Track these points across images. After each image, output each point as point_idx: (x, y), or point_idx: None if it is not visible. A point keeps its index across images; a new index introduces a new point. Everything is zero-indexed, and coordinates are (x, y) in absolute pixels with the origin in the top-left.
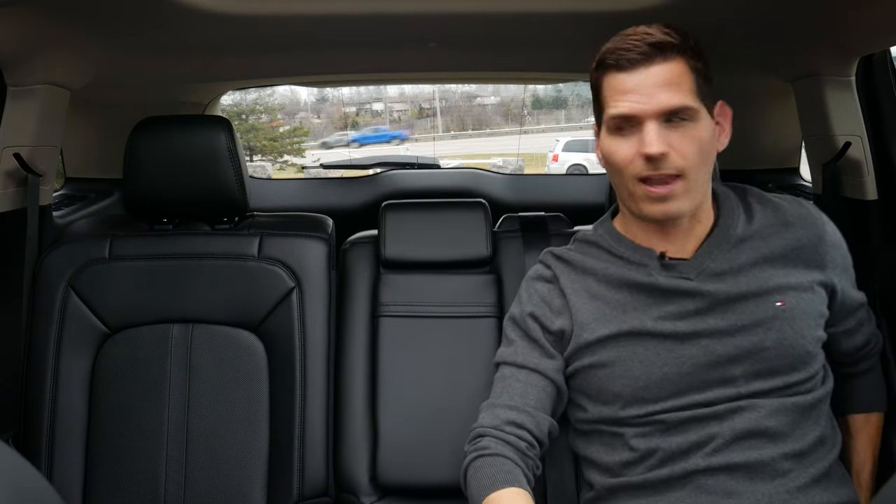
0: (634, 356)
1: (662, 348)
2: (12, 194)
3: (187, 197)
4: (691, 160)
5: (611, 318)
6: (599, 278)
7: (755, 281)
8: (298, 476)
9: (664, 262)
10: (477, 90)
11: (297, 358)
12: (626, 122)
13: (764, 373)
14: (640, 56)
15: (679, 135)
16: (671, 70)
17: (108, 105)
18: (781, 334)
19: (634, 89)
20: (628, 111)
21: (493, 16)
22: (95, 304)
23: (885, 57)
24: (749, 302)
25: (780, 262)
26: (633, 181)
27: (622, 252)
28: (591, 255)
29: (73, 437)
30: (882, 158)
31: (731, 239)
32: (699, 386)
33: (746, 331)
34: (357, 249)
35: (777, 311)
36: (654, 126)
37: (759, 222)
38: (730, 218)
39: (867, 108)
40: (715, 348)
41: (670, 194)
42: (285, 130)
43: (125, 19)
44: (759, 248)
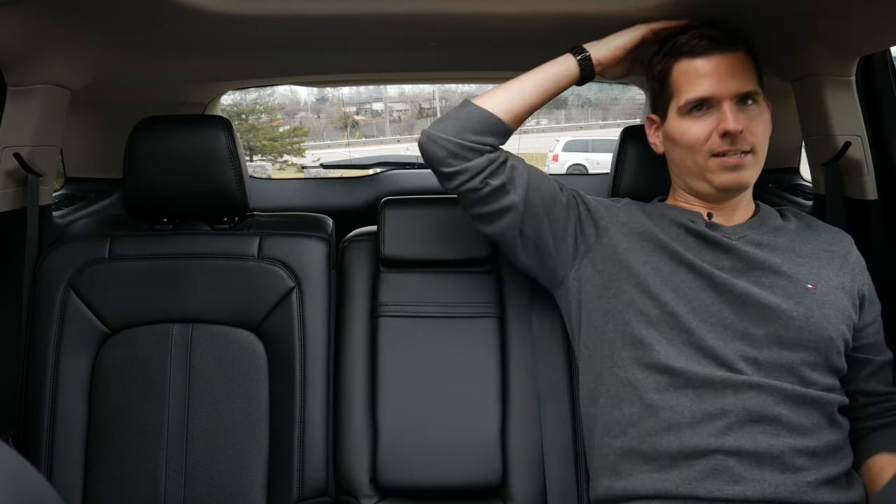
0: (671, 277)
1: (697, 284)
2: (12, 194)
3: (187, 197)
4: (759, 139)
5: (652, 247)
6: (647, 225)
7: (789, 261)
8: (298, 476)
9: (709, 223)
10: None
11: (297, 358)
12: (702, 104)
13: (786, 342)
14: (711, 44)
15: (749, 117)
16: (738, 58)
17: (108, 105)
18: (809, 311)
19: (710, 73)
20: (707, 93)
21: (493, 16)
22: (95, 304)
23: (885, 57)
24: (783, 276)
25: (812, 257)
26: (706, 157)
27: (668, 213)
28: (636, 214)
29: (73, 437)
30: (882, 158)
31: (769, 226)
32: (721, 336)
33: (777, 299)
34: (356, 247)
35: (808, 292)
36: (730, 106)
37: (793, 224)
38: (768, 211)
39: (867, 108)
40: (744, 304)
41: (743, 164)
42: (285, 130)
43: (125, 19)
44: (792, 240)
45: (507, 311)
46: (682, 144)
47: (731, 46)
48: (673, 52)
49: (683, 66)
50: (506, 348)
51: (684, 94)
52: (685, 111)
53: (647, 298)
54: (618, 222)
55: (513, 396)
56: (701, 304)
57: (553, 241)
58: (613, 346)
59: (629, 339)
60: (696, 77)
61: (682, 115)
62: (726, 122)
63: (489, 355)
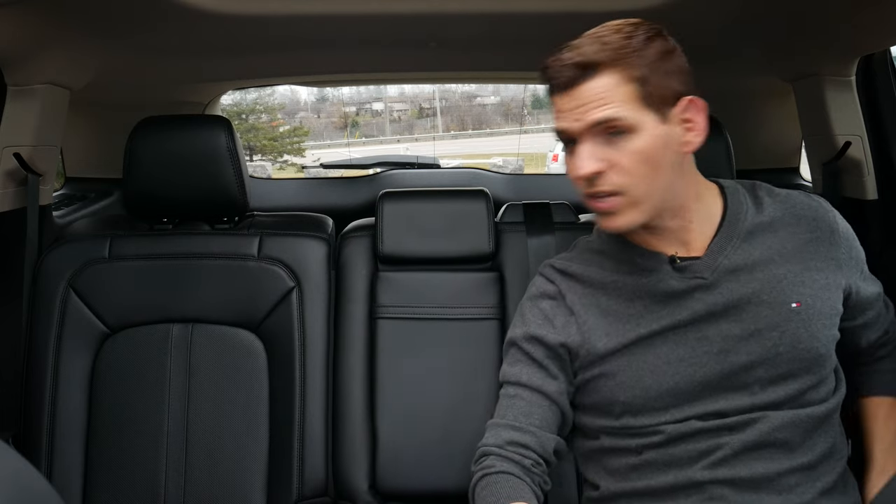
0: (645, 365)
1: (674, 357)
2: (12, 194)
3: (187, 197)
4: (632, 174)
5: (623, 331)
6: (610, 292)
7: (770, 279)
8: (298, 476)
9: (676, 265)
10: (477, 90)
11: (297, 357)
12: (568, 141)
13: (778, 378)
14: (567, 80)
15: (617, 150)
16: (600, 86)
17: (108, 105)
18: (796, 338)
19: (566, 108)
20: (563, 129)
21: (493, 16)
22: (95, 304)
23: (885, 57)
24: (763, 304)
25: (794, 258)
26: (584, 198)
27: (630, 258)
28: (596, 265)
29: (73, 437)
30: (882, 158)
31: (741, 231)
32: (711, 395)
33: (760, 335)
34: (354, 244)
35: (792, 314)
36: (587, 145)
37: (769, 213)
38: (737, 209)
39: (867, 108)
40: (728, 356)
41: (613, 209)
42: (285, 130)
43: (125, 19)
44: (771, 242)
45: (509, 313)
46: None
47: (594, 73)
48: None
49: (552, 98)
50: None
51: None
52: (564, 145)
53: (625, 390)
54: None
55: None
56: (683, 377)
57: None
58: (607, 419)
59: (617, 416)
60: (557, 111)
61: (564, 149)
62: (574, 167)
63: (490, 359)
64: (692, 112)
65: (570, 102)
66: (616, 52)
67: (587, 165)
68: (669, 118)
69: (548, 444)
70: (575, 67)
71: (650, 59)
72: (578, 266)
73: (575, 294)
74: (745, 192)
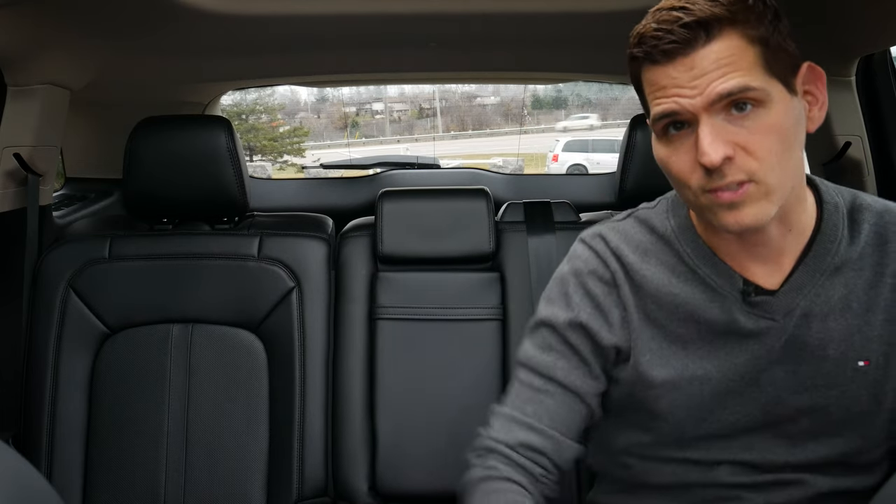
0: (684, 403)
1: (718, 405)
2: (12, 194)
3: (187, 197)
4: (765, 157)
5: (669, 356)
6: (661, 300)
7: (842, 330)
8: (298, 476)
9: (749, 300)
10: (477, 90)
11: (297, 358)
12: (676, 123)
13: (821, 435)
14: (676, 44)
15: (746, 129)
16: (721, 49)
17: (108, 105)
18: (854, 399)
19: (676, 82)
20: (672, 108)
21: (493, 16)
22: (95, 304)
23: (885, 57)
24: (828, 360)
25: (875, 304)
26: (696, 193)
27: (698, 267)
28: (654, 256)
29: (73, 437)
30: (882, 158)
31: (828, 266)
32: (748, 440)
33: (815, 391)
34: (353, 244)
35: (857, 374)
36: (709, 125)
37: (862, 241)
38: (832, 234)
39: (867, 108)
40: (775, 407)
41: (743, 199)
42: (285, 130)
43: (125, 19)
44: (854, 281)
45: (510, 313)
46: (668, 176)
47: (712, 32)
48: (634, 57)
49: (646, 74)
50: (507, 352)
51: (651, 109)
52: (659, 133)
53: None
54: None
55: None
56: (724, 424)
57: None
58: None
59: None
60: (658, 88)
61: (658, 139)
62: (701, 152)
63: (490, 359)
64: (813, 82)
65: (686, 73)
66: (733, 6)
67: (718, 150)
68: (794, 89)
69: (567, 454)
70: (689, 28)
71: (769, 16)
72: (633, 255)
73: (630, 287)
74: (844, 211)
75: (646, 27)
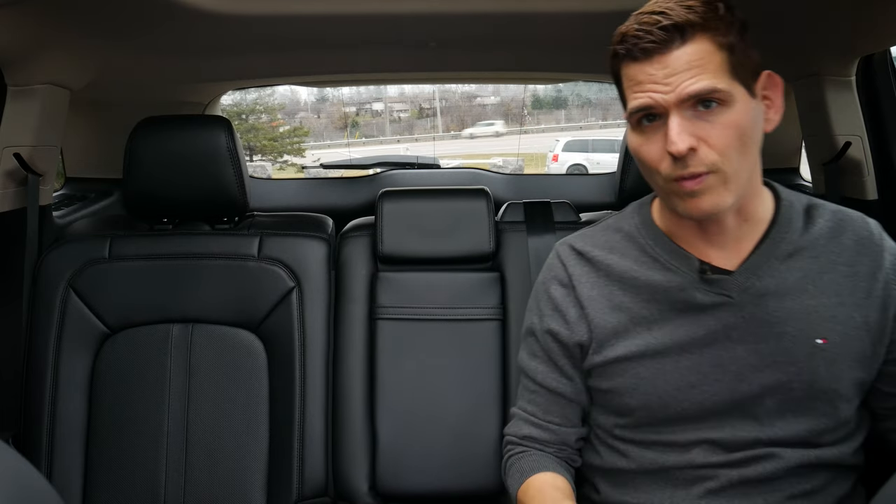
0: (653, 388)
1: (685, 383)
2: (12, 194)
3: (187, 197)
4: (725, 151)
5: (634, 336)
6: (626, 285)
7: (800, 310)
8: (298, 476)
9: (705, 277)
10: (477, 90)
11: (297, 358)
12: (649, 116)
13: (787, 412)
14: (654, 44)
15: (709, 124)
16: (693, 52)
17: (108, 105)
18: (814, 376)
19: (652, 79)
20: (648, 102)
21: (492, 16)
22: (95, 304)
23: (885, 57)
24: (786, 337)
25: (830, 289)
26: (664, 180)
27: (658, 254)
28: (619, 251)
29: (73, 437)
30: (882, 158)
31: (782, 251)
32: (718, 422)
33: (776, 367)
34: (353, 244)
35: (816, 351)
36: (678, 119)
37: (815, 234)
38: (786, 225)
39: (867, 108)
40: (740, 384)
41: (704, 188)
42: (285, 130)
43: (125, 19)
44: (809, 269)
45: (510, 313)
46: (640, 164)
47: (686, 36)
48: (616, 53)
49: (625, 70)
50: (507, 352)
51: (628, 102)
52: (634, 124)
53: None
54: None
55: (514, 402)
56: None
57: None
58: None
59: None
60: (636, 83)
61: (633, 129)
62: (668, 141)
63: (490, 360)
64: (771, 88)
65: (660, 70)
66: (706, 15)
67: (685, 141)
68: (754, 92)
69: (568, 437)
70: (666, 30)
71: (736, 26)
72: (599, 251)
73: (586, 284)
74: (799, 208)
75: (628, 27)
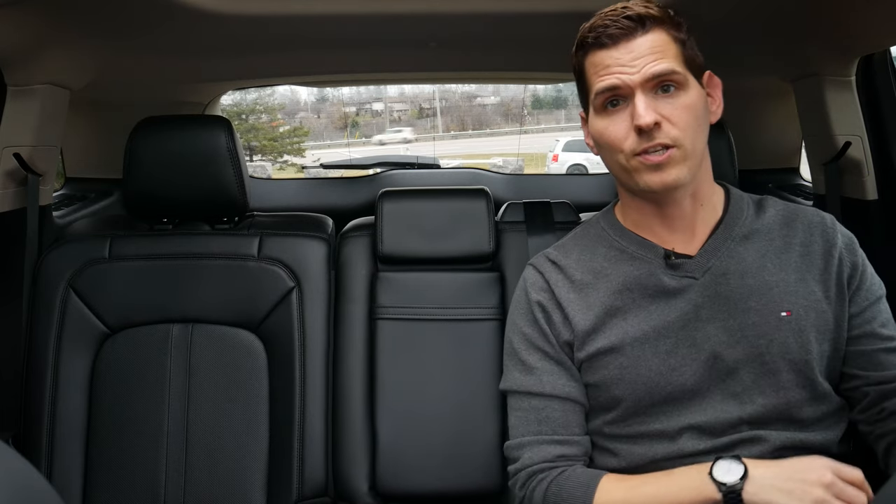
0: (637, 375)
1: (665, 367)
2: (12, 194)
3: (187, 197)
4: (685, 129)
5: (611, 327)
6: (599, 282)
7: (761, 286)
8: (298, 476)
9: (670, 262)
10: (477, 90)
11: (297, 357)
12: (615, 97)
13: (765, 385)
14: (620, 30)
15: (670, 104)
16: (654, 40)
17: (108, 105)
18: (785, 347)
19: (619, 62)
20: (615, 83)
21: (492, 16)
22: (95, 304)
23: (885, 57)
24: (751, 311)
25: (789, 267)
26: (628, 157)
27: (625, 246)
28: (589, 251)
29: (73, 437)
30: (882, 158)
31: (737, 234)
32: (701, 403)
33: (747, 341)
34: (353, 244)
35: (781, 323)
36: (642, 97)
37: (768, 220)
38: (738, 212)
39: (867, 108)
40: (716, 362)
41: (667, 161)
42: (285, 130)
43: (125, 19)
44: (767, 249)
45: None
46: (603, 145)
47: (647, 27)
48: (581, 44)
49: (593, 58)
50: None
51: (594, 87)
52: (599, 107)
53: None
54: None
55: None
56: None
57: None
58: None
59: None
60: (603, 68)
61: (598, 113)
62: (636, 115)
63: (490, 359)
64: (712, 86)
65: (627, 55)
66: (662, 13)
67: (651, 115)
68: (702, 84)
69: (588, 446)
70: (628, 20)
71: (684, 28)
72: (571, 257)
73: (563, 288)
74: (749, 201)
75: (594, 22)
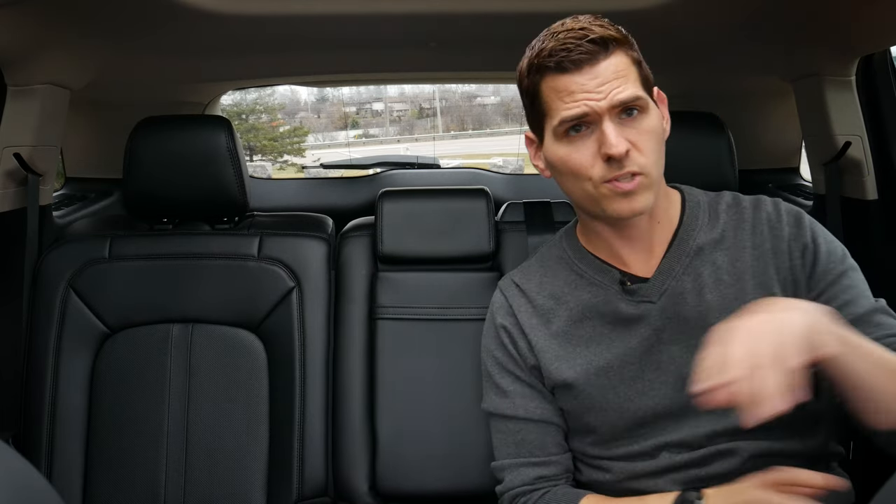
0: (605, 402)
1: (633, 392)
2: (12, 194)
3: (187, 197)
4: (649, 155)
5: (575, 356)
6: (560, 311)
7: (720, 300)
8: (298, 476)
9: (626, 288)
10: (477, 90)
11: (297, 357)
12: (577, 126)
13: None
14: (584, 55)
15: (636, 130)
16: (617, 64)
17: (108, 105)
18: None
19: (584, 88)
20: (584, 110)
21: (493, 16)
22: (95, 304)
23: (885, 57)
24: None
25: (745, 274)
26: (595, 184)
27: (584, 270)
28: (552, 273)
29: (73, 437)
30: (882, 158)
31: (691, 248)
32: (675, 423)
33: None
34: (353, 244)
35: None
36: (611, 124)
37: (721, 228)
38: (691, 224)
39: (867, 108)
40: (683, 384)
41: (637, 188)
42: (285, 130)
43: (125, 19)
44: (720, 259)
45: None
46: (566, 172)
47: (609, 50)
48: (537, 67)
49: (554, 83)
50: None
51: (557, 113)
52: (561, 134)
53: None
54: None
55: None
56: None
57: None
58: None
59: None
60: (567, 94)
61: (559, 139)
62: (607, 144)
63: None
64: (661, 102)
65: (591, 80)
66: (619, 33)
67: (622, 143)
68: (657, 103)
69: (569, 463)
70: (594, 43)
71: (636, 46)
72: (533, 281)
73: (525, 314)
74: (706, 204)
75: (553, 44)
